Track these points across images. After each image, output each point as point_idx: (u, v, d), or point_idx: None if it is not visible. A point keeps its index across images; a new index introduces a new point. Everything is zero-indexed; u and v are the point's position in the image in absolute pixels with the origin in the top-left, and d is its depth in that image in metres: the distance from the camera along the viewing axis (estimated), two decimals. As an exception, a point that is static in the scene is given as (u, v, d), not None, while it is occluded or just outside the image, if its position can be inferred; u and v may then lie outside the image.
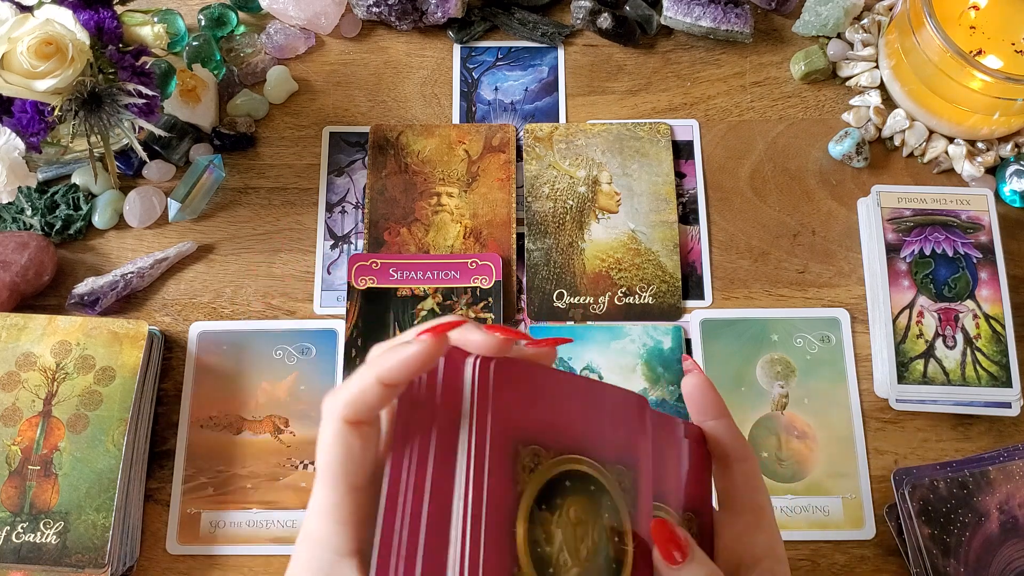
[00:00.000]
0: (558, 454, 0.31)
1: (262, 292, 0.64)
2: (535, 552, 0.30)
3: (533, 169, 0.67)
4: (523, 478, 0.30)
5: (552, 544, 0.30)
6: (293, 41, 0.70)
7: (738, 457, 0.37)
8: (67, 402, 0.56)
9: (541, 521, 0.30)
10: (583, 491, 0.32)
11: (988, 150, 0.67)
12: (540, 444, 0.31)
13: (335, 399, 0.29)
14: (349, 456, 0.29)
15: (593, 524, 0.31)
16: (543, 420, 0.33)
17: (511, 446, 0.30)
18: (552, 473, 0.31)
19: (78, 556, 0.53)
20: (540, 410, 0.32)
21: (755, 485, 0.37)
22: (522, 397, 0.31)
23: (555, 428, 0.32)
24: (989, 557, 0.54)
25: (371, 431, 0.29)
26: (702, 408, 0.38)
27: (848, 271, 0.65)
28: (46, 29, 0.51)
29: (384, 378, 0.28)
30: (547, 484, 0.31)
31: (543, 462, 0.31)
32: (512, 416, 0.31)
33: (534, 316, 0.63)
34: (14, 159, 0.54)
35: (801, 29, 0.71)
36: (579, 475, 0.32)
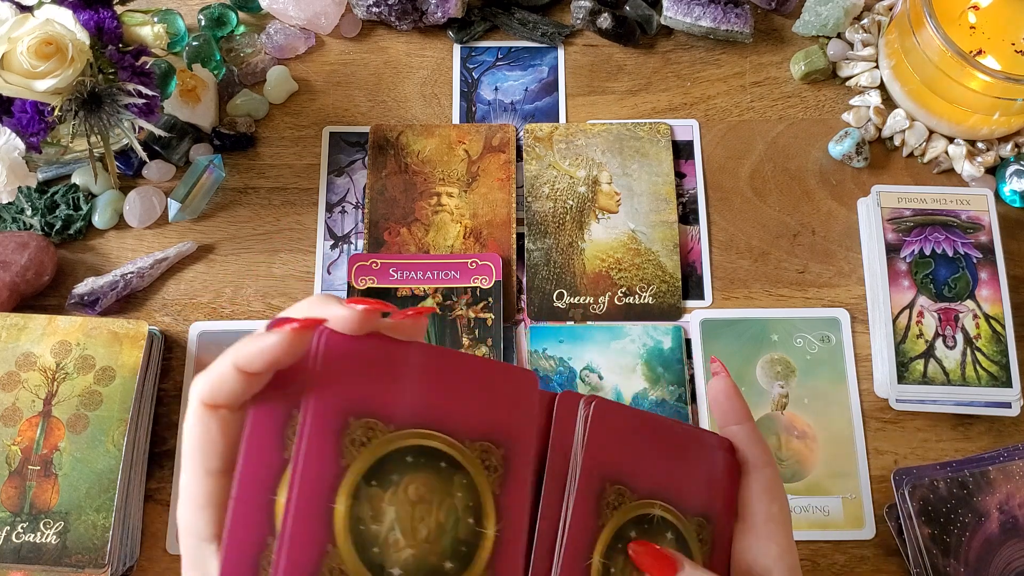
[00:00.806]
0: (398, 428, 0.30)
1: (262, 292, 0.64)
2: (356, 529, 0.28)
3: (533, 169, 0.67)
4: (350, 452, 0.29)
5: (381, 522, 0.28)
6: (293, 41, 0.70)
7: (758, 464, 0.36)
8: (67, 402, 0.56)
9: (369, 497, 0.28)
10: (429, 468, 0.30)
11: (988, 150, 0.67)
12: (378, 418, 0.29)
13: (195, 382, 0.29)
14: (207, 439, 0.28)
15: (439, 503, 0.29)
16: (632, 462, 0.32)
17: (339, 419, 0.29)
18: (388, 448, 0.29)
19: (78, 556, 0.53)
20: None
21: (773, 494, 0.36)
22: (359, 369, 0.30)
23: (642, 471, 0.31)
24: (989, 557, 0.54)
25: (230, 416, 0.28)
26: (726, 412, 0.38)
27: (848, 271, 0.65)
28: (46, 29, 0.51)
29: (240, 365, 0.28)
30: (381, 459, 0.29)
31: (378, 436, 0.29)
32: (344, 387, 0.29)
33: (534, 316, 0.63)
34: (14, 159, 0.54)
35: (801, 29, 0.71)
36: (426, 450, 0.30)
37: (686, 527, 0.34)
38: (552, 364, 0.62)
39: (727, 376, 0.39)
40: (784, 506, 0.36)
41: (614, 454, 0.33)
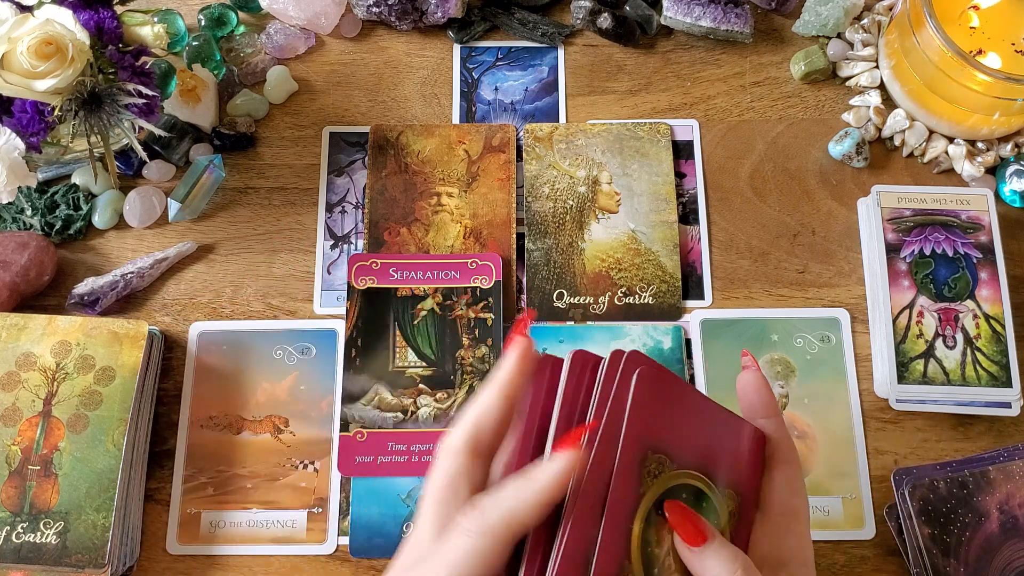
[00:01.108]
0: (679, 467, 0.33)
1: (262, 292, 0.64)
2: (645, 551, 0.32)
3: (533, 169, 0.67)
4: (646, 482, 0.32)
5: (661, 547, 0.32)
6: (293, 41, 0.70)
7: (782, 459, 0.37)
8: (67, 402, 0.56)
9: (655, 524, 0.32)
10: (695, 506, 0.34)
11: (988, 150, 0.67)
12: (667, 455, 0.33)
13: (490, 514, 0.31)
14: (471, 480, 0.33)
15: None
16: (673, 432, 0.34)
17: (642, 451, 0.32)
18: (672, 483, 0.33)
19: (78, 556, 0.53)
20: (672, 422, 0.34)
21: (794, 488, 0.37)
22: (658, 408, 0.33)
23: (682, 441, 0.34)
24: (989, 557, 0.54)
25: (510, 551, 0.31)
26: (754, 405, 0.38)
27: (848, 271, 0.65)
28: (46, 29, 0.51)
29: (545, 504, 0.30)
30: (666, 491, 0.33)
31: (666, 471, 0.33)
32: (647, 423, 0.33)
33: (534, 316, 0.63)
34: (14, 159, 0.54)
35: (801, 29, 0.71)
36: (695, 490, 0.34)
37: (720, 500, 0.35)
38: (552, 364, 0.62)
39: (758, 370, 0.39)
40: (805, 502, 0.37)
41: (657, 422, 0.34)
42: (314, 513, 0.58)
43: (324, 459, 0.59)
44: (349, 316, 0.62)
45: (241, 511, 0.58)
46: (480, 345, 0.61)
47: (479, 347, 0.61)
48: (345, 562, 0.58)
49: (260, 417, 0.60)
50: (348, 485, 0.59)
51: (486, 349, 0.61)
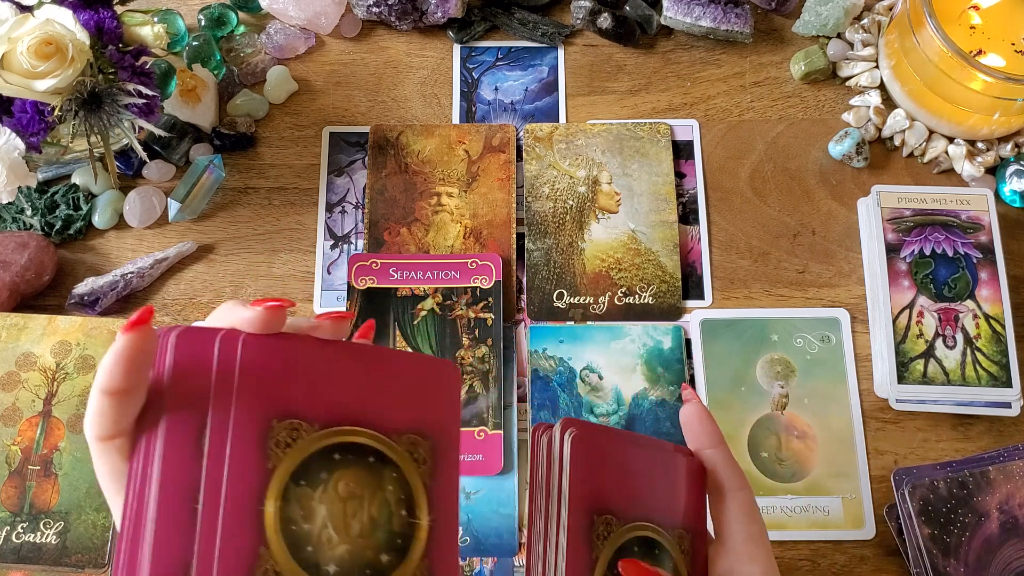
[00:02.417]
0: (323, 427, 0.29)
1: (262, 292, 0.64)
2: (288, 530, 0.28)
3: (533, 169, 0.67)
4: (275, 454, 0.28)
5: (312, 521, 0.28)
6: (293, 41, 0.70)
7: (733, 487, 0.37)
8: (67, 402, 0.56)
9: (298, 497, 0.28)
10: (358, 464, 0.30)
11: (988, 150, 0.67)
12: (302, 418, 0.29)
13: (85, 420, 0.28)
14: (113, 470, 0.28)
15: (371, 498, 0.29)
16: (615, 488, 0.32)
17: (262, 422, 0.28)
18: (314, 447, 0.29)
19: (78, 556, 0.53)
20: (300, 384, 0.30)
21: (750, 515, 0.37)
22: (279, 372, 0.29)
23: (625, 496, 0.32)
24: (989, 557, 0.54)
25: (127, 442, 0.28)
26: (699, 436, 0.39)
27: (848, 271, 0.65)
28: (46, 29, 0.51)
29: (104, 388, 0.27)
30: (308, 458, 0.29)
31: (303, 436, 0.29)
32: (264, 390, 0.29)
33: (534, 316, 0.63)
34: (14, 159, 0.54)
35: (801, 29, 0.71)
36: (353, 446, 0.30)
37: (670, 542, 0.35)
38: (552, 364, 0.62)
39: (698, 401, 0.40)
40: (762, 526, 0.37)
41: (597, 484, 0.33)
42: (314, 513, 0.58)
43: (324, 459, 0.59)
44: (349, 316, 0.62)
45: (241, 511, 0.58)
46: (480, 345, 0.61)
47: (479, 347, 0.61)
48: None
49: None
50: (348, 485, 0.59)
51: (486, 349, 0.61)
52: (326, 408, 0.30)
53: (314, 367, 0.30)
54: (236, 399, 0.28)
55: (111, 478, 0.28)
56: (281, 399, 0.29)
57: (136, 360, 0.27)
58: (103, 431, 0.28)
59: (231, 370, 0.28)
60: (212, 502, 0.27)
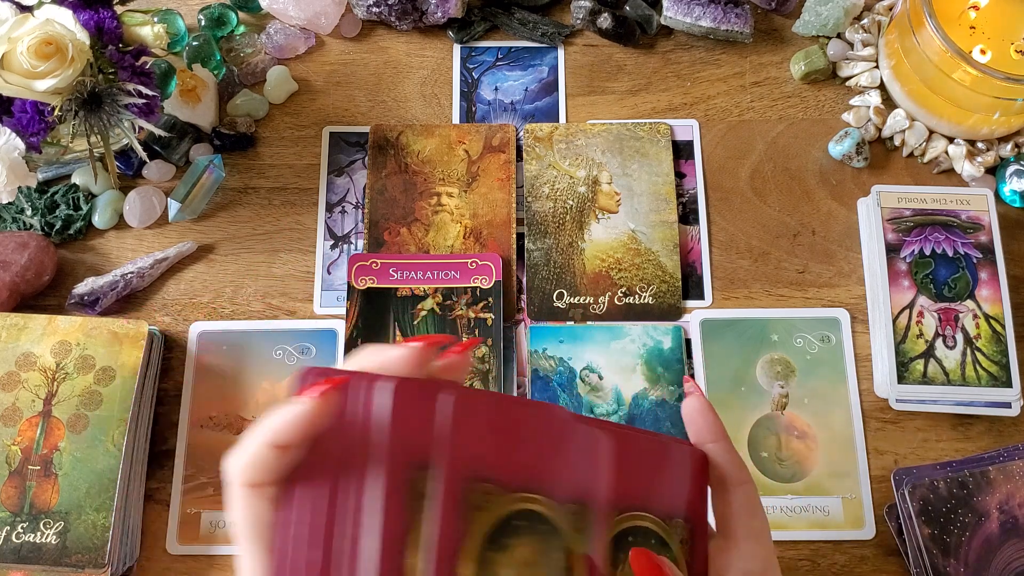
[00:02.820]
0: (510, 492, 0.30)
1: (262, 292, 0.64)
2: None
3: (533, 169, 0.67)
4: (471, 516, 0.29)
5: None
6: (293, 41, 0.70)
7: (735, 481, 0.37)
8: (67, 402, 0.56)
9: (488, 562, 0.29)
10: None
11: (988, 150, 0.67)
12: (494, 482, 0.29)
13: (232, 464, 0.28)
14: (258, 520, 0.28)
15: (543, 565, 0.30)
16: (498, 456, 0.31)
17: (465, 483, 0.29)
18: (502, 513, 0.29)
19: (78, 556, 0.53)
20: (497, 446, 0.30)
21: (752, 510, 0.36)
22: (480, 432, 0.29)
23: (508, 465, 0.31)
24: (989, 557, 0.54)
25: (276, 489, 0.28)
26: (700, 430, 0.38)
27: (848, 271, 0.65)
28: (46, 29, 0.51)
29: (274, 442, 0.27)
30: (497, 524, 0.29)
31: (493, 500, 0.29)
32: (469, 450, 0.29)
33: (534, 316, 0.63)
34: (14, 159, 0.54)
35: (801, 29, 0.71)
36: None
37: (668, 533, 0.35)
38: (552, 364, 0.62)
39: (700, 394, 0.39)
40: (764, 521, 0.36)
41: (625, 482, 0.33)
42: (314, 513, 0.58)
43: (324, 459, 0.59)
44: (349, 316, 0.62)
45: (241, 511, 0.58)
46: (480, 345, 0.61)
47: (479, 347, 0.61)
48: (345, 562, 0.58)
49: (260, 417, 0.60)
50: (348, 485, 0.59)
51: (486, 349, 0.61)
52: (513, 473, 0.30)
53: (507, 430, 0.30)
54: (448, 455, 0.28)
55: (251, 526, 0.28)
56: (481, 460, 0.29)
57: (316, 424, 0.27)
58: (256, 479, 0.27)
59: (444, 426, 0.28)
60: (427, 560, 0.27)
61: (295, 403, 0.27)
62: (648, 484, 0.35)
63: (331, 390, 0.27)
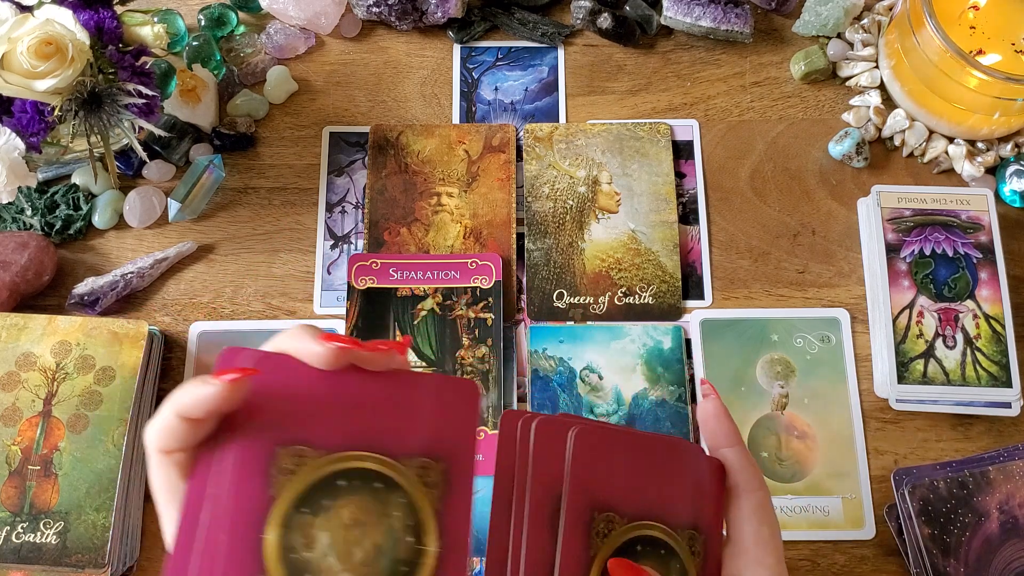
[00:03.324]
0: (328, 452, 0.29)
1: (262, 292, 0.64)
2: (288, 558, 0.28)
3: (533, 169, 0.67)
4: (278, 481, 0.28)
5: (313, 549, 0.28)
6: (293, 41, 0.70)
7: (749, 488, 0.36)
8: (67, 402, 0.56)
9: (300, 525, 0.28)
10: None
11: (988, 150, 0.67)
12: (307, 444, 0.29)
13: (146, 431, 0.29)
14: (168, 483, 0.29)
15: (376, 525, 0.29)
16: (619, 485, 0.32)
17: (265, 449, 0.29)
18: (319, 474, 0.29)
19: (78, 556, 0.53)
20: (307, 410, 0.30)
21: (763, 517, 0.36)
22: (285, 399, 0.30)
23: (629, 494, 0.31)
24: (989, 557, 0.54)
25: (186, 457, 0.29)
26: (716, 434, 0.38)
27: (848, 271, 0.65)
28: (46, 29, 0.51)
29: (182, 413, 0.28)
30: (312, 486, 0.29)
31: (308, 463, 0.29)
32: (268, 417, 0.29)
33: (534, 316, 0.63)
34: (14, 159, 0.54)
35: (801, 29, 0.71)
36: (359, 472, 0.30)
37: (678, 542, 0.34)
38: (552, 364, 0.62)
39: (717, 398, 0.39)
40: (775, 529, 0.36)
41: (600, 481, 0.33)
42: (314, 513, 0.58)
43: (324, 459, 0.59)
44: (349, 316, 0.62)
45: (241, 511, 0.58)
46: (480, 345, 0.61)
47: (479, 347, 0.61)
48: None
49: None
50: (348, 485, 0.59)
51: (486, 349, 0.61)
52: (332, 434, 0.29)
53: (322, 392, 0.30)
54: (243, 426, 0.29)
55: (165, 490, 0.29)
56: (286, 426, 0.29)
57: (221, 404, 0.28)
58: (165, 445, 0.29)
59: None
60: (215, 530, 0.28)
61: (207, 382, 0.28)
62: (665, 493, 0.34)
63: (240, 379, 0.28)
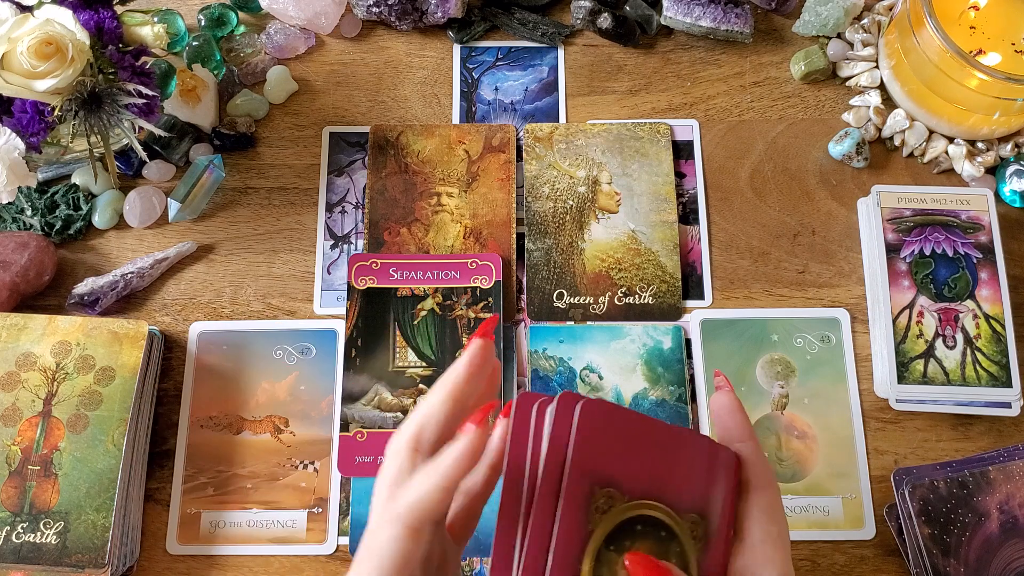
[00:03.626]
0: (632, 498, 0.33)
1: (262, 292, 0.64)
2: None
3: (533, 169, 0.67)
4: (594, 518, 0.32)
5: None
6: (293, 41, 0.70)
7: (760, 485, 0.36)
8: (67, 402, 0.56)
9: (607, 561, 0.32)
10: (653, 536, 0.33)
11: (988, 150, 0.67)
12: (617, 487, 0.33)
13: (399, 503, 0.30)
14: (405, 561, 0.30)
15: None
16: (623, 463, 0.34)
17: (589, 487, 0.32)
18: (623, 516, 0.33)
19: (78, 556, 0.53)
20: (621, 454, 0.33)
21: (772, 515, 0.36)
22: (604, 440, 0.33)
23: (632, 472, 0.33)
24: (989, 557, 0.54)
25: (428, 536, 0.31)
26: (729, 429, 0.38)
27: (848, 271, 0.65)
28: (46, 29, 0.51)
29: (449, 486, 0.30)
30: (618, 527, 0.32)
31: (616, 504, 0.33)
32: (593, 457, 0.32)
33: (534, 316, 0.63)
34: (14, 159, 0.54)
35: (801, 29, 0.71)
36: (651, 520, 0.33)
37: (680, 525, 0.34)
38: (552, 364, 0.62)
39: (731, 391, 0.39)
40: (783, 528, 0.36)
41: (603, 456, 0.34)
42: (314, 513, 0.58)
43: (324, 459, 0.60)
44: (349, 316, 0.62)
45: (241, 511, 0.58)
46: (480, 345, 0.61)
47: (479, 347, 0.61)
48: (345, 562, 0.58)
49: (260, 417, 0.60)
50: (348, 485, 0.59)
51: (486, 349, 0.61)
52: (635, 480, 0.33)
53: (629, 438, 0.34)
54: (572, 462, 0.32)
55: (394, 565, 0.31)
56: (604, 467, 0.33)
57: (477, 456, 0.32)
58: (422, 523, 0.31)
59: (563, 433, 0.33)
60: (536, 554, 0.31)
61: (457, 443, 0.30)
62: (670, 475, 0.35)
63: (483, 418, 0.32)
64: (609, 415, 0.34)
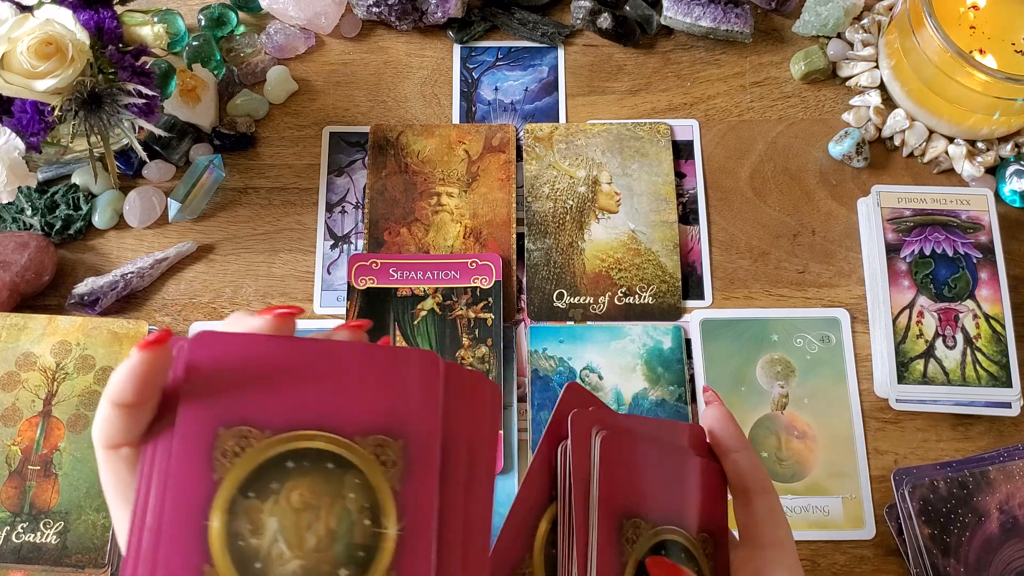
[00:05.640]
0: (275, 433, 0.27)
1: (262, 292, 0.64)
2: (235, 545, 0.26)
3: (533, 169, 0.67)
4: (222, 465, 0.27)
5: (261, 535, 0.26)
6: (293, 41, 0.70)
7: (759, 490, 0.37)
8: (67, 402, 0.56)
9: (246, 510, 0.26)
10: (314, 471, 0.27)
11: (988, 150, 0.67)
12: (252, 424, 0.27)
13: (93, 427, 0.28)
14: (118, 479, 0.28)
15: (329, 508, 0.27)
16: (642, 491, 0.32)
17: (207, 431, 0.27)
18: (265, 456, 0.27)
19: (78, 556, 0.53)
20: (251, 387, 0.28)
21: (776, 519, 0.36)
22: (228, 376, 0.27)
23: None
24: (989, 557, 0.54)
25: (133, 451, 0.28)
26: (724, 440, 0.38)
27: (848, 271, 0.65)
28: (46, 29, 0.51)
29: (114, 400, 0.27)
30: (258, 468, 0.27)
31: (253, 444, 0.27)
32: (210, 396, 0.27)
33: (534, 316, 0.63)
34: (14, 159, 0.54)
35: (801, 29, 0.71)
36: (309, 453, 0.27)
37: (695, 545, 0.35)
38: (552, 364, 0.62)
39: (720, 403, 0.39)
40: (788, 530, 0.36)
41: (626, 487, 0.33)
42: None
43: (324, 459, 0.59)
44: (349, 316, 0.62)
45: (241, 511, 0.58)
46: (480, 345, 0.61)
47: (479, 347, 0.61)
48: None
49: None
50: (348, 485, 0.59)
51: (486, 349, 0.61)
52: (278, 412, 0.27)
53: (267, 368, 0.28)
54: (184, 409, 0.27)
55: (114, 488, 0.28)
56: (229, 405, 0.27)
57: (148, 378, 0.26)
58: (109, 440, 0.27)
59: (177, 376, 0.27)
60: (158, 519, 0.26)
61: (125, 361, 0.27)
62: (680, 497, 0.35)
63: (152, 344, 0.27)
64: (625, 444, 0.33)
